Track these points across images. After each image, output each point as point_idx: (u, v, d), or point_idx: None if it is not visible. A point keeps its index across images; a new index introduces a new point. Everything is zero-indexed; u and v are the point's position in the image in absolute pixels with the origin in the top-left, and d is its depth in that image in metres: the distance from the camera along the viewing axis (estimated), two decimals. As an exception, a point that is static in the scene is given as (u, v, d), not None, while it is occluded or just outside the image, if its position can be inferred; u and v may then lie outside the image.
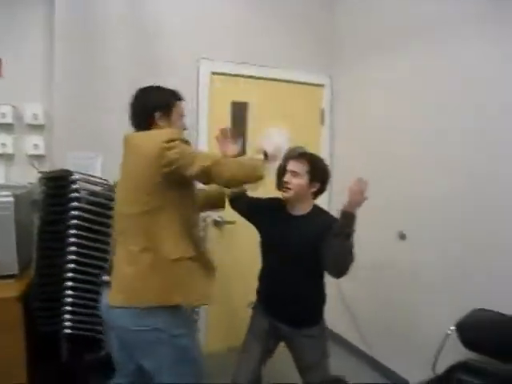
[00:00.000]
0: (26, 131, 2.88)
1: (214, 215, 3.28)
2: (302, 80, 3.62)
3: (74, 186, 2.28)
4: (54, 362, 2.62)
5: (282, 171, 2.28)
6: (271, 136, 2.06)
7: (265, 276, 2.38)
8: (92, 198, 2.37)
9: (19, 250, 2.44)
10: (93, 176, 2.52)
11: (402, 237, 2.95)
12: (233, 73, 3.35)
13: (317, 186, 2.23)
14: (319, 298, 2.33)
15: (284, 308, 2.26)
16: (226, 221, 3.34)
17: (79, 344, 2.53)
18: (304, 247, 2.15)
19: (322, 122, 3.70)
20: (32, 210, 2.71)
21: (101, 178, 2.59)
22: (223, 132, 2.26)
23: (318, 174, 2.22)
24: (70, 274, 2.31)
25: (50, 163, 2.85)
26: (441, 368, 2.32)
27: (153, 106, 1.86)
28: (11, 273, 2.44)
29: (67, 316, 2.33)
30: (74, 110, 2.88)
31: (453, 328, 2.34)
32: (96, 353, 2.65)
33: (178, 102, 1.94)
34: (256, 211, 2.40)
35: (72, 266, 2.30)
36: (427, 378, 2.29)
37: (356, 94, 3.47)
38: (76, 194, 2.28)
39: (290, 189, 2.19)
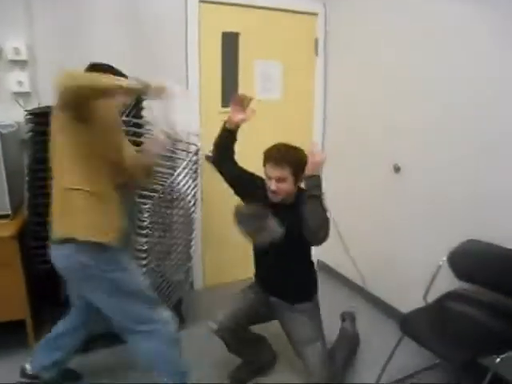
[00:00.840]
0: (8, 68, 2.74)
1: (206, 150, 3.23)
2: (295, 8, 3.45)
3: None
4: (54, 299, 2.68)
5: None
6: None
7: (257, 257, 2.41)
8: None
9: (10, 190, 2.42)
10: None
11: (397, 169, 2.93)
12: (222, 1, 3.19)
13: (301, 176, 2.15)
14: (310, 276, 2.39)
15: (277, 286, 2.34)
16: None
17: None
18: (291, 234, 2.07)
19: (316, 52, 3.57)
20: (21, 150, 2.66)
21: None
22: (238, 98, 2.25)
23: (301, 169, 2.11)
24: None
25: (37, 100, 2.75)
26: (433, 299, 2.39)
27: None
28: (4, 213, 2.43)
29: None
30: (59, 44, 2.75)
31: (444, 259, 2.39)
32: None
33: (120, 78, 1.93)
34: (247, 188, 2.36)
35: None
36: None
37: (351, 24, 3.32)
38: (64, 131, 2.22)
39: (278, 194, 2.15)
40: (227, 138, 2.35)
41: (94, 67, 1.97)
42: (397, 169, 2.93)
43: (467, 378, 2.41)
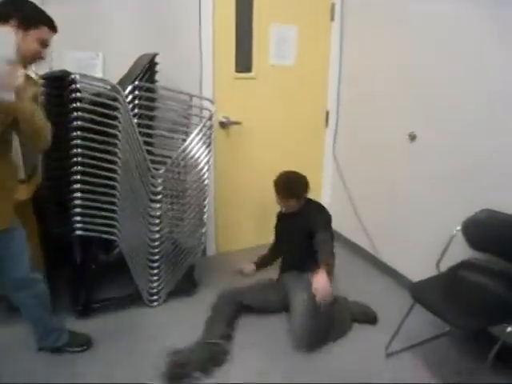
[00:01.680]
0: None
1: (219, 116, 3.21)
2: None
3: (74, 86, 2.19)
4: (67, 261, 2.72)
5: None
6: None
7: (278, 240, 3.01)
8: (94, 98, 2.29)
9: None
10: (94, 77, 2.43)
11: (413, 138, 2.89)
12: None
13: (304, 195, 2.73)
14: None
15: (292, 261, 2.80)
16: (232, 121, 3.28)
17: (92, 246, 2.60)
18: (297, 230, 2.69)
19: (333, 17, 3.47)
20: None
21: (103, 79, 2.50)
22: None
23: (301, 195, 2.71)
24: (76, 177, 2.30)
25: (48, 65, 2.72)
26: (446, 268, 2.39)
27: (16, 7, 1.66)
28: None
29: (77, 218, 2.36)
30: (70, 5, 2.70)
31: (458, 228, 2.37)
32: (108, 254, 2.74)
33: (45, 27, 1.73)
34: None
35: (78, 168, 2.28)
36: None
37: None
38: (77, 95, 2.20)
39: (287, 211, 2.80)
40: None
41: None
42: (412, 137, 2.88)
43: (477, 346, 2.43)
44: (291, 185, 2.69)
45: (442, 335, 2.54)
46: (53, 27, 1.77)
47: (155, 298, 2.78)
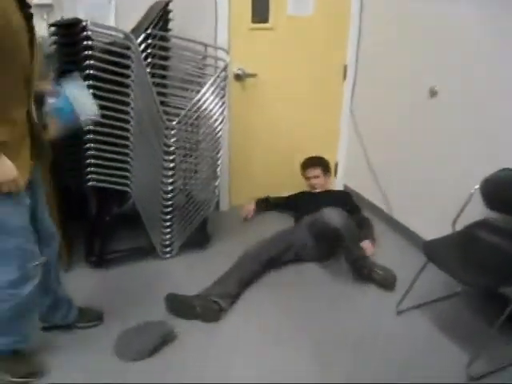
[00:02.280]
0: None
1: (234, 68, 3.13)
2: None
3: (85, 34, 2.14)
4: (82, 214, 2.75)
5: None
6: None
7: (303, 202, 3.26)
8: (107, 46, 2.24)
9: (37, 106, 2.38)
10: (106, 25, 2.36)
11: (433, 94, 2.79)
12: None
13: (329, 174, 3.39)
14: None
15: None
16: (248, 73, 3.20)
17: (106, 198, 2.61)
18: (327, 202, 2.96)
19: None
20: (47, 65, 2.60)
21: (115, 27, 2.44)
22: None
23: (327, 168, 3.37)
24: (89, 127, 2.28)
25: (60, 13, 2.66)
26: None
27: None
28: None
29: (90, 169, 2.36)
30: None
31: (477, 187, 2.32)
32: (122, 206, 2.75)
33: None
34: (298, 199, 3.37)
35: (91, 118, 2.26)
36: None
37: None
38: (88, 43, 2.15)
39: (316, 187, 3.31)
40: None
41: None
42: (433, 93, 2.79)
43: (488, 307, 2.43)
44: (318, 157, 3.37)
45: (453, 295, 2.54)
46: None
47: (168, 250, 2.81)
